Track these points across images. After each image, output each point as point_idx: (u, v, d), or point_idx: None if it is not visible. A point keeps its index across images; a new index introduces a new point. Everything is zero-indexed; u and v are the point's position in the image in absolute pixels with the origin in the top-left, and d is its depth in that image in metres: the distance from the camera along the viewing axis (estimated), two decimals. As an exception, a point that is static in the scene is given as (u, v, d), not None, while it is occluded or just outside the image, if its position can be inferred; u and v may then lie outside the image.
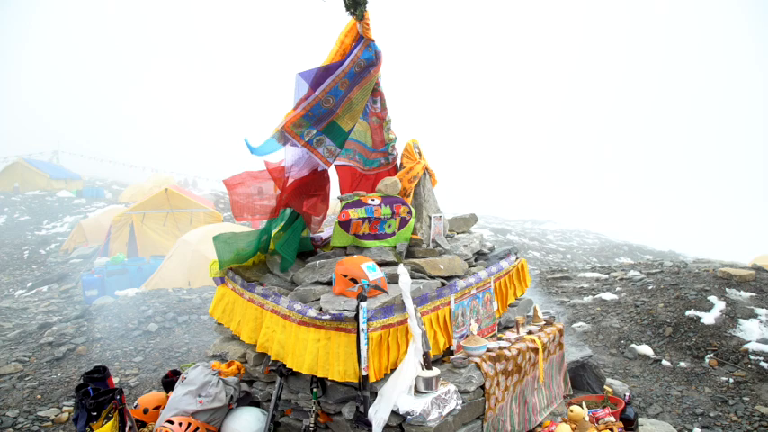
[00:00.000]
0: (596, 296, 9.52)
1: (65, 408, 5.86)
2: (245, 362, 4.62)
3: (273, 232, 4.73)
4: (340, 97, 4.28)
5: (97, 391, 4.20)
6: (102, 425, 3.99)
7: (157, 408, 4.56)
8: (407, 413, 3.46)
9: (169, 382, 4.88)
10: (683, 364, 7.01)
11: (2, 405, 5.87)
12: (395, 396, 3.50)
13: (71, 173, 35.47)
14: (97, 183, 37.49)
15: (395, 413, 3.50)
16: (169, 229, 16.36)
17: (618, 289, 9.70)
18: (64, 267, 16.55)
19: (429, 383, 3.60)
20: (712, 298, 8.23)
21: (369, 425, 3.52)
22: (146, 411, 4.57)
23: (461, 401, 3.74)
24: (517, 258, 5.32)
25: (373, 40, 4.39)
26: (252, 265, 4.81)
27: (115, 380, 6.57)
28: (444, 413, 3.57)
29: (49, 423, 5.55)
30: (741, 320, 7.57)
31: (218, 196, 26.61)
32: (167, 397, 4.56)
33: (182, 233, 14.49)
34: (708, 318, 7.77)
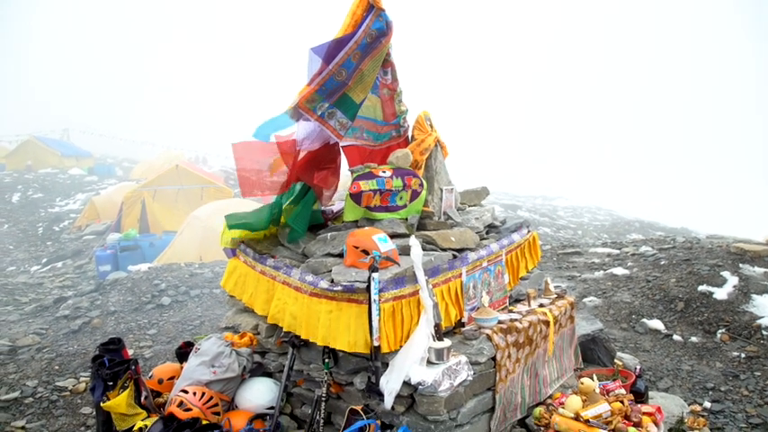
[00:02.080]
0: (607, 271, 9.49)
1: (82, 378, 5.97)
2: (258, 333, 4.67)
3: (284, 206, 4.73)
4: (352, 69, 4.23)
5: (113, 362, 4.26)
6: (119, 394, 4.06)
7: (172, 378, 4.63)
8: (419, 383, 3.48)
9: (183, 353, 4.95)
10: (694, 338, 6.99)
11: (22, 375, 6.00)
12: (406, 367, 3.53)
13: (82, 150, 35.63)
14: (108, 160, 37.70)
15: (406, 383, 3.52)
16: (180, 205, 16.46)
17: (629, 264, 9.66)
18: (77, 244, 16.75)
19: (440, 354, 3.62)
20: (725, 273, 8.17)
21: (380, 395, 3.56)
22: (160, 382, 4.65)
23: (472, 372, 3.76)
24: (529, 232, 5.29)
25: (384, 10, 4.31)
26: (263, 238, 4.83)
27: (130, 352, 6.68)
28: (455, 384, 3.59)
29: (68, 393, 5.67)
30: (754, 296, 7.52)
31: (228, 173, 26.67)
32: (181, 368, 4.63)
33: (192, 209, 14.57)
34: (720, 293, 7.72)
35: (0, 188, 24.72)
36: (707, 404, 5.57)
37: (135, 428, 4.00)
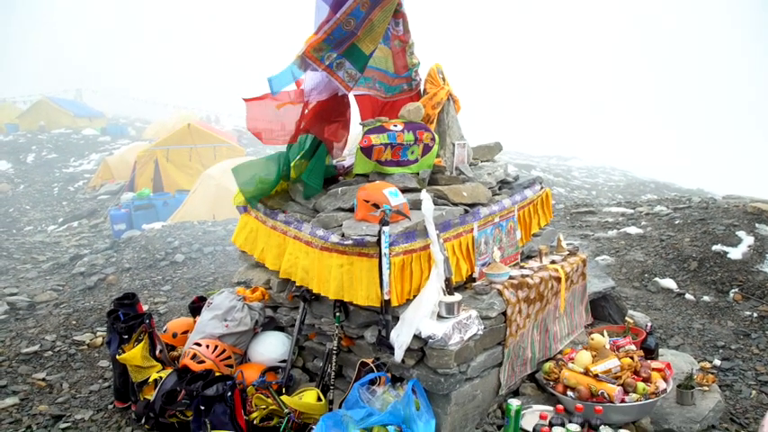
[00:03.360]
0: (621, 230, 9.40)
1: (98, 333, 6.09)
2: (270, 288, 4.70)
3: (294, 162, 4.68)
4: (361, 18, 4.10)
5: (127, 316, 4.33)
6: (134, 347, 4.13)
7: (185, 332, 4.71)
8: (429, 337, 3.49)
9: (196, 308, 5.02)
10: (706, 298, 6.95)
11: (41, 330, 6.13)
12: (417, 320, 3.53)
13: (94, 110, 35.62)
14: (120, 120, 37.64)
15: (416, 337, 3.53)
16: (193, 164, 16.49)
17: (643, 223, 9.55)
18: (92, 203, 16.91)
19: (451, 309, 3.62)
20: (741, 233, 8.06)
21: (391, 348, 3.58)
22: (174, 336, 4.74)
23: (483, 327, 3.76)
24: (542, 188, 5.22)
25: (394, -43, 4.17)
26: (274, 194, 4.81)
27: (145, 308, 6.79)
28: (465, 338, 3.60)
29: (85, 347, 5.79)
30: (770, 256, 7.43)
31: (241, 132, 26.58)
32: (194, 322, 4.69)
33: (205, 168, 14.60)
34: (735, 253, 7.63)
35: (15, 148, 24.89)
36: (717, 362, 5.57)
37: (150, 380, 4.09)
